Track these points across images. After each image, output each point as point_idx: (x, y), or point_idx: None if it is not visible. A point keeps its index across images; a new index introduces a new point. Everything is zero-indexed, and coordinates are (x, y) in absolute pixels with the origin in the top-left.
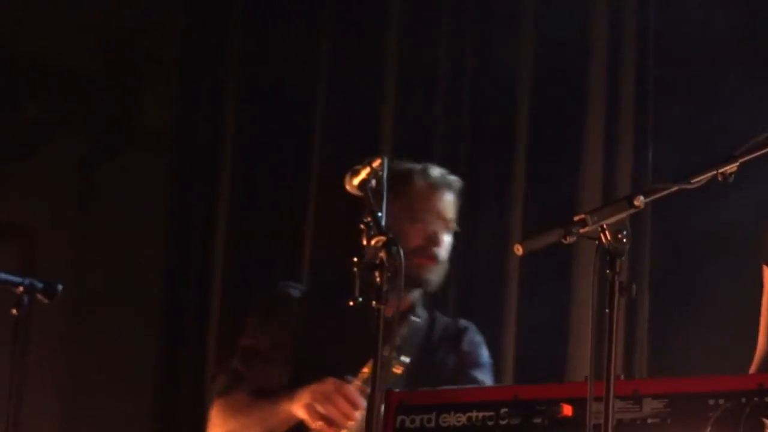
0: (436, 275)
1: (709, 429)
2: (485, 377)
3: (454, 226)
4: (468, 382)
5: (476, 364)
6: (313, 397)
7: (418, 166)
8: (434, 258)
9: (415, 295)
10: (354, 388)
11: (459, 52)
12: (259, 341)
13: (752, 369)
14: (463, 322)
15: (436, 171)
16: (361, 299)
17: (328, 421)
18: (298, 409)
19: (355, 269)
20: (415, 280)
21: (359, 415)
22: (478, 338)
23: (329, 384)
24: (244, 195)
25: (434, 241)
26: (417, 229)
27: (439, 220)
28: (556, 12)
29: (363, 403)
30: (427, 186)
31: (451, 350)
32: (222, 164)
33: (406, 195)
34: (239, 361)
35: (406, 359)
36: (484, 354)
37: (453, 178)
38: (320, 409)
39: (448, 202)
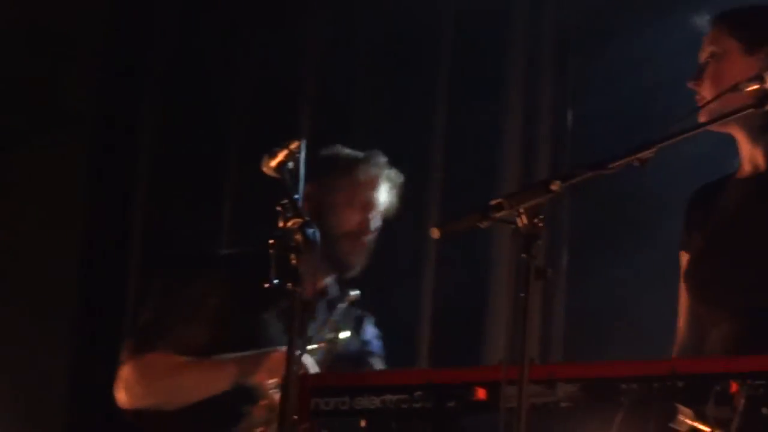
0: (362, 261)
1: (621, 413)
2: (380, 367)
3: (385, 215)
4: (367, 369)
5: (373, 353)
6: (268, 366)
7: (362, 155)
8: (365, 244)
9: (329, 279)
10: (307, 359)
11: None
12: (180, 300)
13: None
14: (359, 310)
15: (381, 161)
16: (276, 281)
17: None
18: (249, 376)
19: (271, 251)
20: (343, 264)
21: None
22: (374, 330)
23: (283, 354)
24: (164, 179)
25: (368, 228)
26: (354, 215)
27: (375, 210)
28: None
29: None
30: (371, 176)
31: (354, 335)
32: (141, 147)
33: (350, 182)
34: (155, 316)
35: (347, 333)
36: (378, 346)
37: (395, 173)
38: (275, 378)
39: (387, 195)
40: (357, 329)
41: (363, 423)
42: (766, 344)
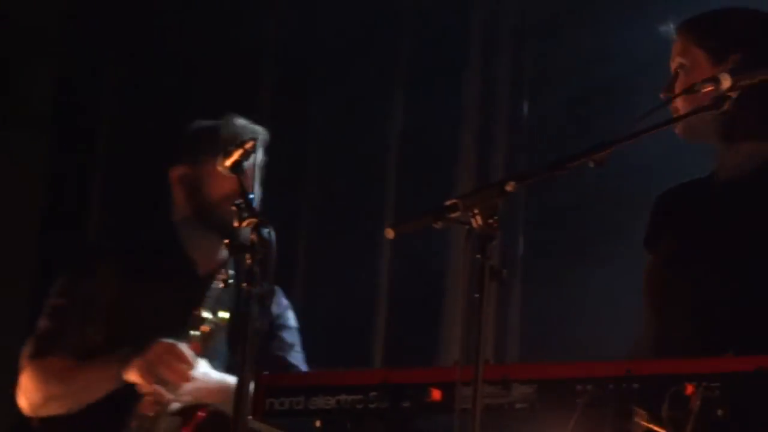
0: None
1: (576, 414)
2: (294, 339)
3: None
4: (278, 342)
5: (285, 326)
6: (146, 360)
7: (220, 121)
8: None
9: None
10: (186, 348)
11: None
12: (73, 300)
13: (630, 352)
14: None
15: (240, 121)
16: (231, 280)
17: (163, 383)
18: (131, 373)
19: (227, 251)
20: (227, 230)
21: (193, 374)
22: (285, 301)
23: (161, 346)
24: (121, 176)
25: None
26: (225, 178)
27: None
28: None
29: (196, 362)
30: (233, 137)
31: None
32: (97, 150)
33: (217, 147)
34: (50, 320)
35: (225, 315)
36: (291, 317)
37: (258, 128)
38: (155, 371)
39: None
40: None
41: (318, 423)
42: (722, 347)
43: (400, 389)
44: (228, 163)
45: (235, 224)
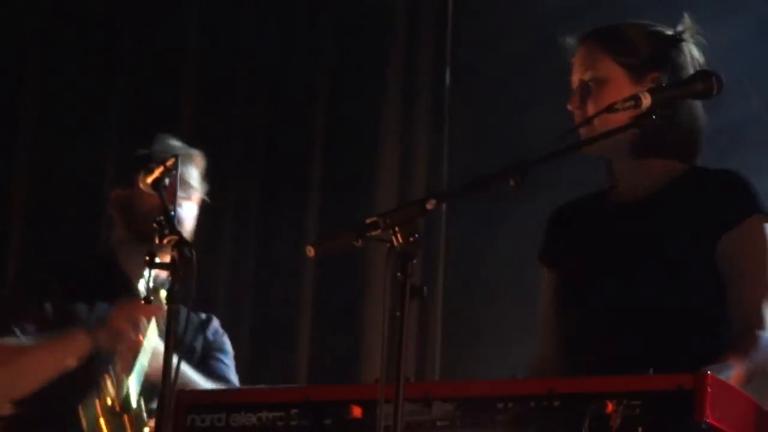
0: None
1: None
2: (230, 362)
3: (197, 196)
4: (215, 362)
5: (221, 350)
6: (113, 319)
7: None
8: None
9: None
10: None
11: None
12: (15, 310)
13: (528, 371)
14: (204, 314)
15: (173, 142)
16: (150, 297)
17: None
18: (96, 338)
19: (146, 267)
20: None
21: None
22: (221, 329)
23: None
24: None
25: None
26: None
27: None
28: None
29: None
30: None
31: (196, 337)
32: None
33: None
34: None
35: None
36: (227, 342)
37: (193, 150)
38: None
39: (184, 173)
40: (200, 332)
41: None
42: (636, 365)
43: (322, 407)
44: (149, 180)
45: (156, 241)
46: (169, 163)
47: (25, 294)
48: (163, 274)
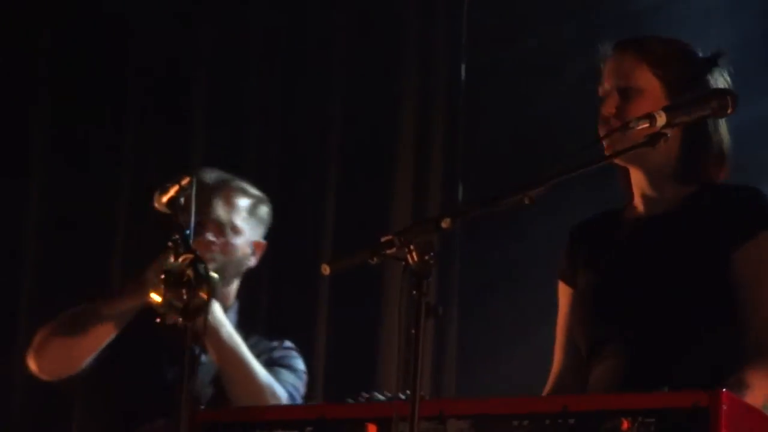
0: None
1: None
2: (289, 377)
3: (232, 226)
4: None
5: (283, 364)
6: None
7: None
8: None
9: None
10: None
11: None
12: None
13: (547, 389)
14: (276, 341)
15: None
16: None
17: None
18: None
19: (163, 287)
20: None
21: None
22: (293, 351)
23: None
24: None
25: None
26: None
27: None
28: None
29: None
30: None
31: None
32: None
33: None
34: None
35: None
36: (294, 359)
37: (229, 180)
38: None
39: (218, 205)
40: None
41: None
42: (651, 381)
43: (337, 424)
44: (164, 199)
45: (171, 260)
46: (185, 182)
47: None
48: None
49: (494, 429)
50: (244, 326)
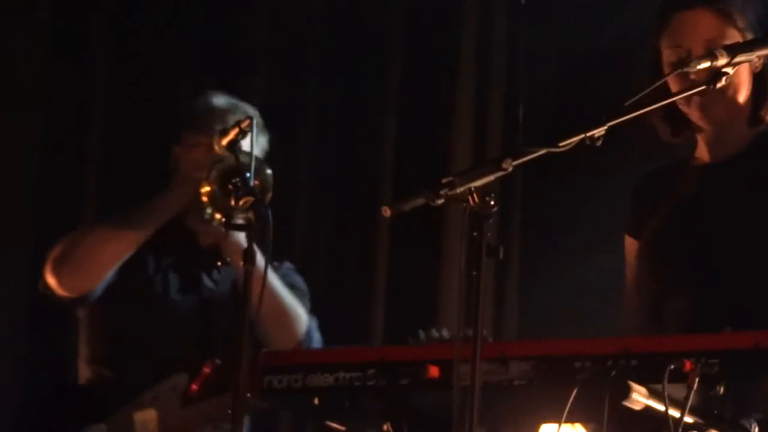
0: None
1: (575, 391)
2: (301, 297)
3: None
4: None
5: (292, 285)
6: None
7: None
8: None
9: None
10: None
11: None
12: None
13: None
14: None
15: (219, 97)
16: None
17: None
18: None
19: (223, 229)
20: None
21: None
22: (293, 272)
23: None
24: (114, 162)
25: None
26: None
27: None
28: None
29: None
30: (209, 111)
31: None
32: (92, 126)
33: (191, 122)
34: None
35: None
36: (298, 280)
37: (243, 104)
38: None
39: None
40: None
41: (316, 401)
42: (719, 322)
43: (398, 367)
44: (224, 142)
45: (231, 203)
46: (244, 124)
47: None
48: None
49: (556, 370)
50: None
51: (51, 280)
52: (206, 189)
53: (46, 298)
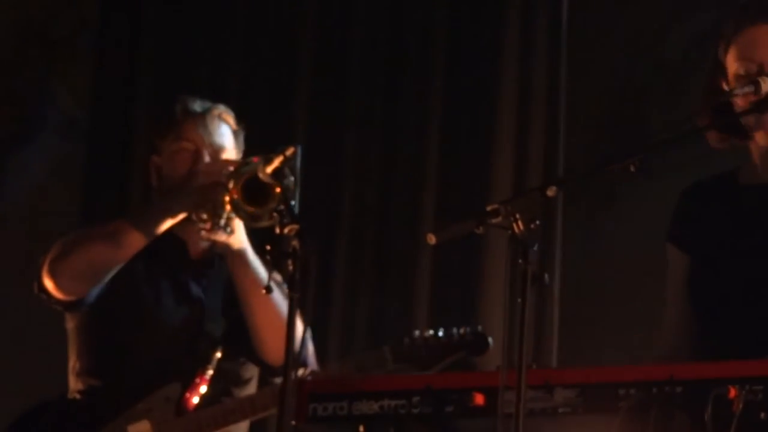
0: None
1: (619, 418)
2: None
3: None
4: None
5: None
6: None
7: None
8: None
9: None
10: None
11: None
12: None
13: (659, 352)
14: None
15: (192, 101)
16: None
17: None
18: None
19: (268, 257)
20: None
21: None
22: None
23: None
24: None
25: (198, 164)
26: (183, 158)
27: (202, 145)
28: None
29: None
30: (186, 116)
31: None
32: (133, 154)
33: (170, 131)
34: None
35: None
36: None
37: (216, 105)
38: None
39: (212, 126)
40: None
41: (361, 428)
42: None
43: (444, 394)
44: (269, 170)
45: (277, 231)
46: (289, 152)
47: None
48: None
49: (601, 398)
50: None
51: (48, 282)
52: (230, 197)
53: (40, 301)
